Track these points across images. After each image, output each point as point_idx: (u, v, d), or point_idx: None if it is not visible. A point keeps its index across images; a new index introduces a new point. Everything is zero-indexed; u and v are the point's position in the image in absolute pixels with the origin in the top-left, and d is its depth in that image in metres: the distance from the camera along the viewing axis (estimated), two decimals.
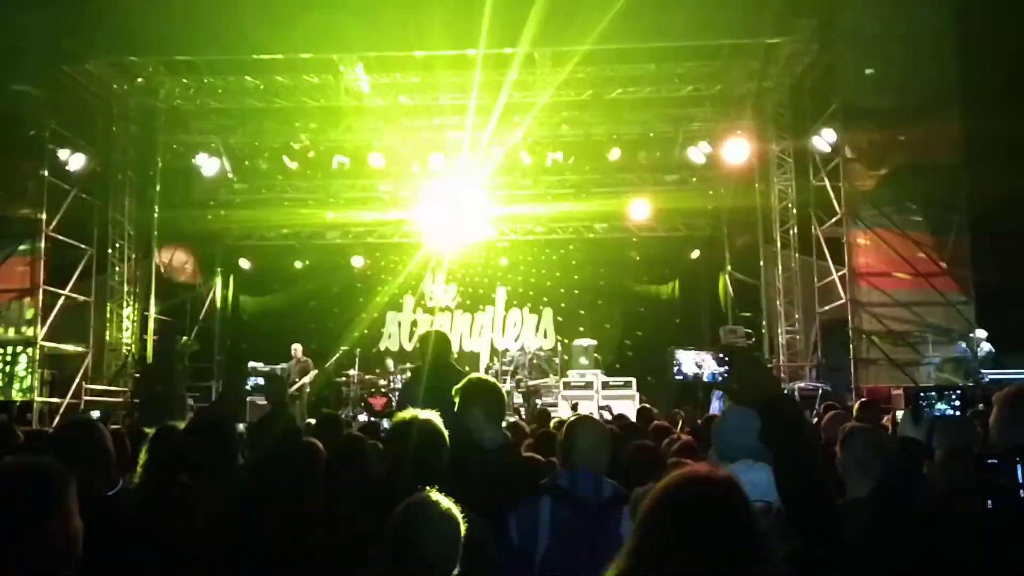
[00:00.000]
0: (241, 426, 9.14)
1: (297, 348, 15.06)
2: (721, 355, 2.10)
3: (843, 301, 12.54)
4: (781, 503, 1.91)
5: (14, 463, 2.34)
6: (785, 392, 2.07)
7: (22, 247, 12.82)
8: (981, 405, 5.07)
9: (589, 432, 3.61)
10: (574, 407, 12.11)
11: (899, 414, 6.65)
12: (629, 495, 3.37)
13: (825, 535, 1.88)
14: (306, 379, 14.56)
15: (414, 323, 18.92)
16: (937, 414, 3.15)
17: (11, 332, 12.80)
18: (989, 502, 2.80)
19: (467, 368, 7.83)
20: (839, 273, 12.76)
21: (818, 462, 1.96)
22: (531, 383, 15.35)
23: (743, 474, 2.27)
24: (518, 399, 14.82)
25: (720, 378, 2.10)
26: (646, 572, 1.69)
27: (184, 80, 15.07)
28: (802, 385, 13.01)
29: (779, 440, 1.99)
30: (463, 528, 2.70)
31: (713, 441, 3.57)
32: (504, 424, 7.03)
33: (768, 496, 2.68)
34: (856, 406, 7.59)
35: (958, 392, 3.28)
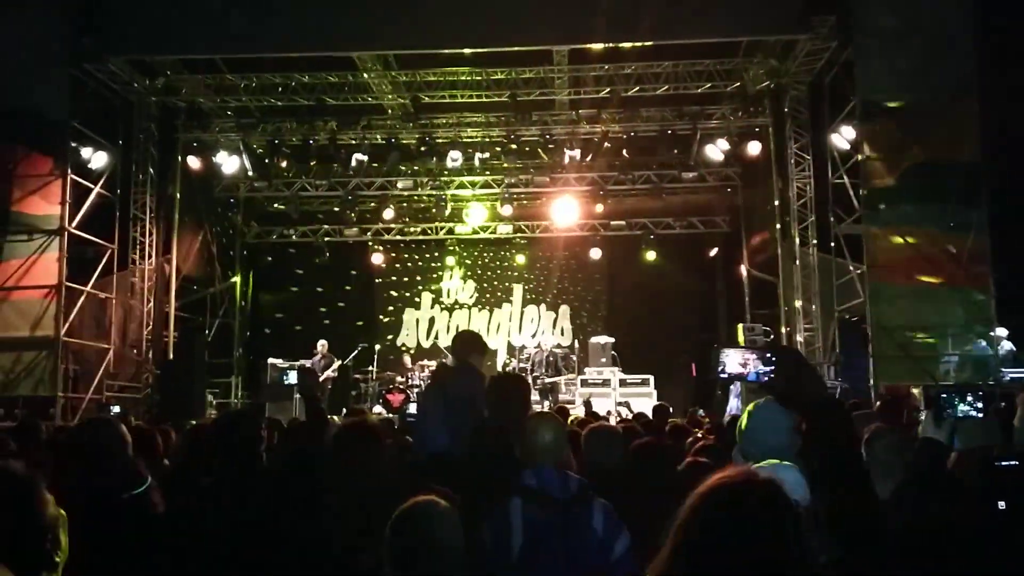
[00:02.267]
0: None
1: (323, 344, 15.24)
2: (768, 355, 2.10)
3: (862, 299, 12.47)
4: (822, 506, 1.90)
5: None
6: (833, 395, 2.00)
7: (44, 244, 12.94)
8: (1003, 404, 5.06)
9: (548, 428, 3.61)
10: (587, 404, 12.14)
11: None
12: (593, 489, 3.40)
13: (871, 540, 1.86)
14: (329, 372, 14.77)
15: (432, 320, 19.01)
16: (959, 415, 3.14)
17: (34, 328, 12.90)
18: (1002, 504, 2.80)
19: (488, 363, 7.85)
20: (858, 271, 12.69)
21: (862, 465, 1.95)
22: (548, 380, 15.37)
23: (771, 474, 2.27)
24: (535, 396, 14.86)
25: (766, 377, 2.10)
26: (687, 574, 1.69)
27: (204, 78, 15.20)
28: None
29: (825, 443, 1.98)
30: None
31: (738, 440, 3.51)
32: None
33: (795, 495, 2.70)
34: (877, 405, 7.56)
35: (979, 392, 3.26)
